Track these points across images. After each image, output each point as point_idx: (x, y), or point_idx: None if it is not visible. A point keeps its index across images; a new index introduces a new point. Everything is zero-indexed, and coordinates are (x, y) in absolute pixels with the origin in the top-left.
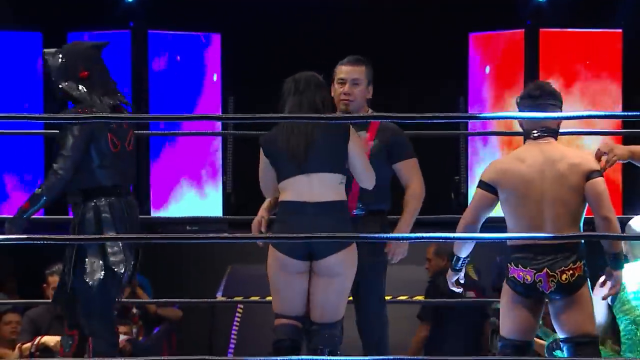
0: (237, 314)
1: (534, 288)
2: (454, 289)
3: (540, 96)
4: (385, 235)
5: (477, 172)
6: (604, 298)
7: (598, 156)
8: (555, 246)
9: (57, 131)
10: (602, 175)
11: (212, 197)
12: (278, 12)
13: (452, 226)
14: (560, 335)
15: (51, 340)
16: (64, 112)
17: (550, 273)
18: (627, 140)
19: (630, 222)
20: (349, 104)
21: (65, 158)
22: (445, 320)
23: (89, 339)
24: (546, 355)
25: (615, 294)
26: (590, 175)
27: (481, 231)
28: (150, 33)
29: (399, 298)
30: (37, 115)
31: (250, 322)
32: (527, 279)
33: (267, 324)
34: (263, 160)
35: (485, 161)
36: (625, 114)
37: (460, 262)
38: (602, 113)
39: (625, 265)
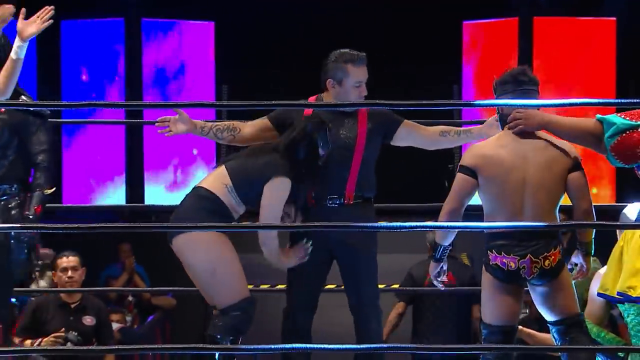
0: None
1: (517, 274)
2: (437, 283)
3: (527, 82)
4: (377, 224)
5: None
6: (574, 279)
7: (511, 120)
8: (538, 232)
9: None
10: (582, 168)
11: None
12: (270, 1)
13: None
14: (548, 318)
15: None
16: None
17: (534, 259)
18: None
19: (625, 210)
20: None
21: None
22: (424, 301)
23: None
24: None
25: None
26: (573, 166)
27: (464, 219)
28: (143, 21)
29: (392, 287)
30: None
31: None
32: (510, 266)
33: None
34: None
35: None
36: (619, 101)
37: (441, 251)
38: (596, 100)
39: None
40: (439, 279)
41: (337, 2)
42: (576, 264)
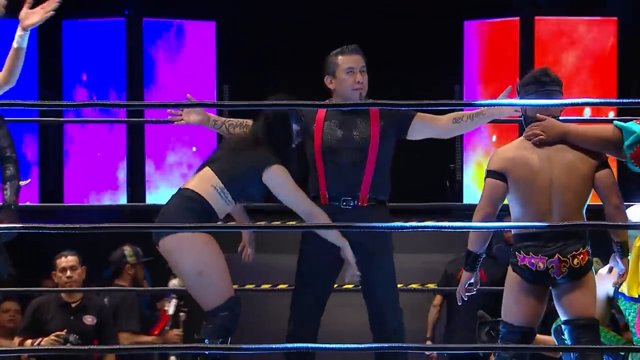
0: None
1: (545, 275)
2: (462, 295)
3: (549, 82)
4: (386, 224)
5: (472, 160)
6: (615, 284)
7: (530, 133)
8: (564, 232)
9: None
10: (609, 166)
11: None
12: (272, 1)
13: (448, 214)
14: (563, 317)
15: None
16: None
17: (562, 258)
18: None
19: (628, 211)
20: (362, 92)
21: None
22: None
23: None
24: (553, 336)
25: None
26: (600, 165)
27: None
28: (145, 21)
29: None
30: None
31: (245, 311)
32: (539, 266)
33: (262, 313)
34: None
35: (479, 149)
36: (621, 101)
37: (473, 260)
38: (598, 100)
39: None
40: (468, 292)
41: (339, 2)
42: (612, 268)
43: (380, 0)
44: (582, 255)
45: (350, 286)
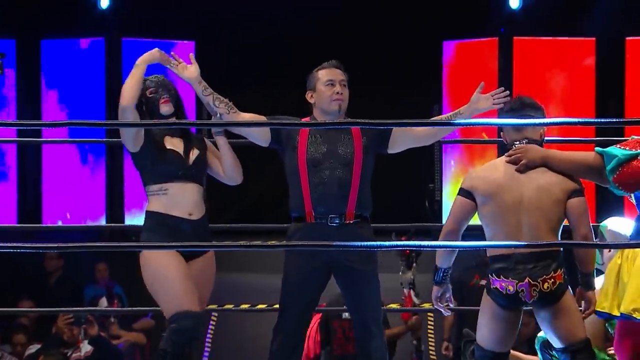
0: (211, 322)
1: (516, 299)
2: (439, 307)
3: (520, 108)
4: (368, 243)
5: (452, 180)
6: (583, 319)
7: (511, 157)
8: (536, 254)
9: None
10: (583, 195)
11: None
12: (252, 19)
13: (427, 234)
14: (555, 344)
15: None
16: None
17: (532, 282)
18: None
19: (612, 226)
20: (342, 104)
21: None
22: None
23: None
24: (539, 353)
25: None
26: (573, 192)
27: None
28: (124, 41)
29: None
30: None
31: (224, 330)
32: (509, 289)
33: (241, 332)
34: None
35: (458, 168)
36: (599, 120)
37: (441, 274)
38: (576, 120)
39: None
40: (441, 304)
41: (319, 22)
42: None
43: (359, 21)
44: (552, 279)
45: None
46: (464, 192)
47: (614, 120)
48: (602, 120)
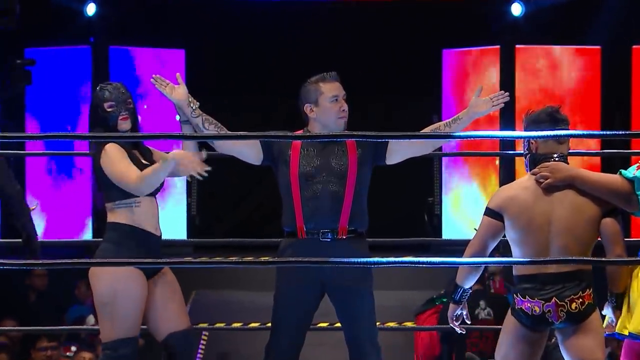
0: (202, 341)
1: (543, 319)
2: (454, 326)
3: (562, 121)
4: (362, 259)
5: (451, 193)
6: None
7: (537, 175)
8: (563, 275)
9: None
10: (620, 214)
11: (176, 219)
12: (242, 28)
13: (426, 249)
14: None
15: None
16: None
17: (559, 302)
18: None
19: None
20: (345, 121)
21: None
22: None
23: None
24: None
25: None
26: (608, 211)
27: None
28: (111, 49)
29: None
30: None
31: (215, 349)
32: (535, 310)
33: (232, 351)
34: None
35: (458, 183)
36: (604, 132)
37: (460, 293)
38: (581, 132)
39: None
40: (456, 323)
41: (313, 30)
42: (604, 316)
43: (358, 29)
44: (581, 299)
45: (325, 324)
46: (491, 213)
47: (620, 132)
48: (608, 132)
